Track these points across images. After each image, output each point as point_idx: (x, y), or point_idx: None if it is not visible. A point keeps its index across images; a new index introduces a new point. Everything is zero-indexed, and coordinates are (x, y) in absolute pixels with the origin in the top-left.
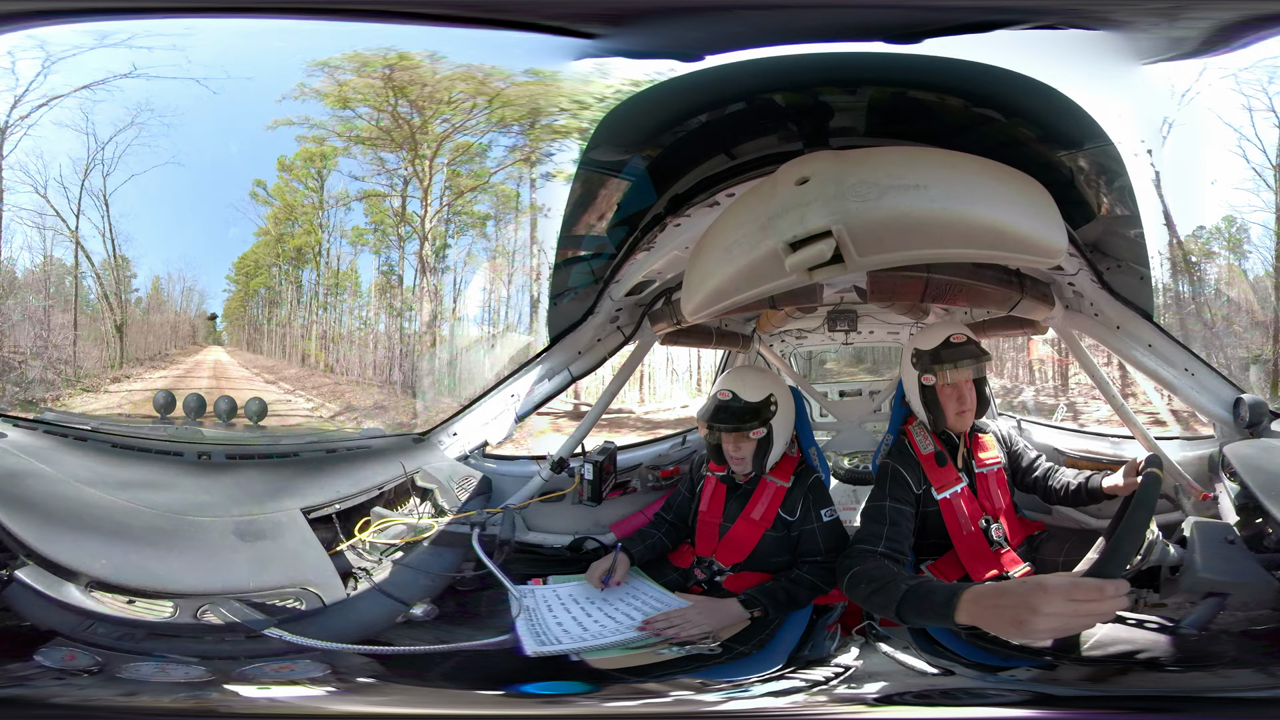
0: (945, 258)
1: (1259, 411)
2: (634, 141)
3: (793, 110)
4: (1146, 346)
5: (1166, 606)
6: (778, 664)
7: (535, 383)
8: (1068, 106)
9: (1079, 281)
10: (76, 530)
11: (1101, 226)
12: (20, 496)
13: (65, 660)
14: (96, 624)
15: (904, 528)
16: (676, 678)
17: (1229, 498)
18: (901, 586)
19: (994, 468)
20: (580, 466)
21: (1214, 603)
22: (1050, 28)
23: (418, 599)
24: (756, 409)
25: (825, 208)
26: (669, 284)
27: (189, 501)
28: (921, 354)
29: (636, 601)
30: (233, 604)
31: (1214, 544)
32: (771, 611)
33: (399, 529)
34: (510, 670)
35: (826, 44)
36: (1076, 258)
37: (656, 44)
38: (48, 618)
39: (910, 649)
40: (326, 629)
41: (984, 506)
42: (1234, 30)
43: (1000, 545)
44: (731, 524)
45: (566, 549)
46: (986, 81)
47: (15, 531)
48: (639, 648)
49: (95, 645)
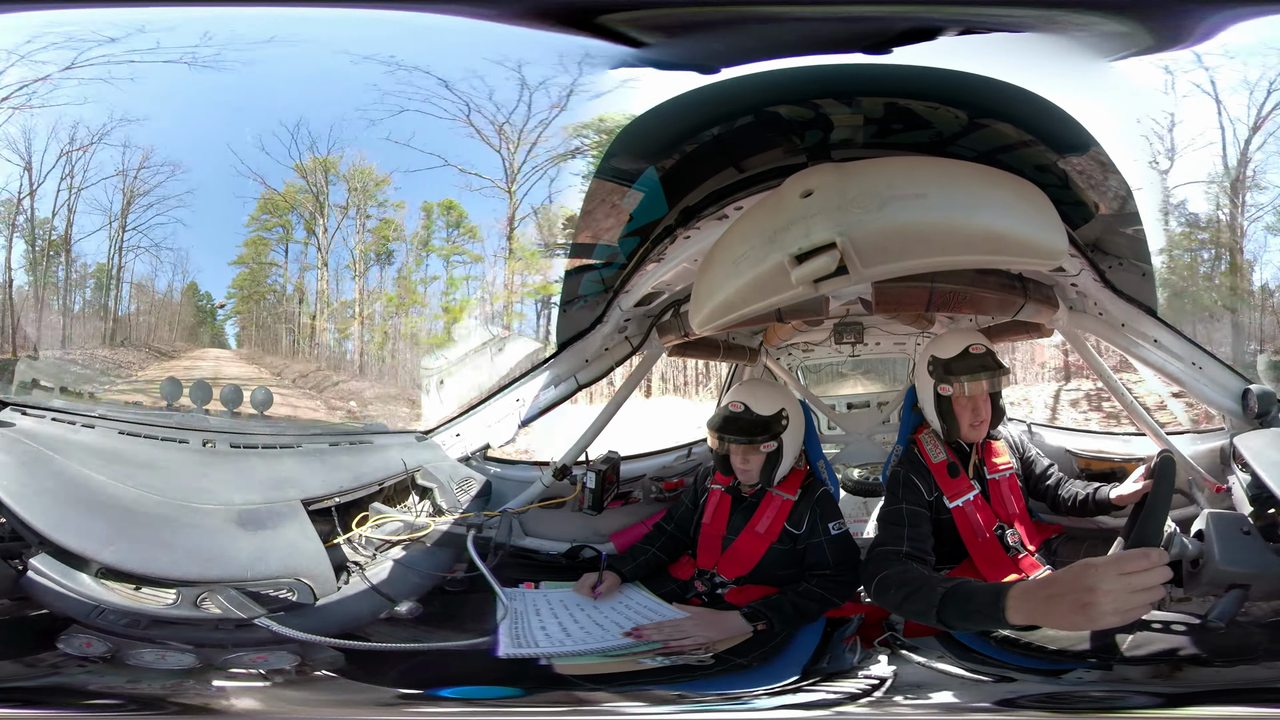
0: (948, 265)
1: (1267, 401)
2: (651, 152)
3: (796, 123)
4: (1153, 342)
5: (1191, 601)
6: (790, 676)
7: (541, 389)
8: (1051, 109)
9: (1081, 282)
10: (86, 517)
11: (1101, 225)
12: (32, 484)
13: (84, 648)
14: (107, 612)
15: (923, 529)
16: (651, 689)
17: (1242, 489)
18: (939, 589)
19: (1006, 473)
20: (583, 475)
21: (1238, 594)
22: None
23: (405, 597)
24: (768, 422)
25: (829, 220)
26: (678, 296)
27: (193, 489)
28: (939, 362)
29: (629, 611)
30: (230, 592)
31: (1231, 535)
32: (777, 625)
33: (396, 526)
34: (476, 672)
35: (825, 56)
36: (1078, 258)
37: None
38: (64, 606)
39: (945, 657)
40: (312, 621)
41: (998, 513)
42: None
43: (1017, 550)
44: (735, 536)
45: (562, 556)
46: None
47: (28, 519)
48: (618, 655)
49: (108, 633)
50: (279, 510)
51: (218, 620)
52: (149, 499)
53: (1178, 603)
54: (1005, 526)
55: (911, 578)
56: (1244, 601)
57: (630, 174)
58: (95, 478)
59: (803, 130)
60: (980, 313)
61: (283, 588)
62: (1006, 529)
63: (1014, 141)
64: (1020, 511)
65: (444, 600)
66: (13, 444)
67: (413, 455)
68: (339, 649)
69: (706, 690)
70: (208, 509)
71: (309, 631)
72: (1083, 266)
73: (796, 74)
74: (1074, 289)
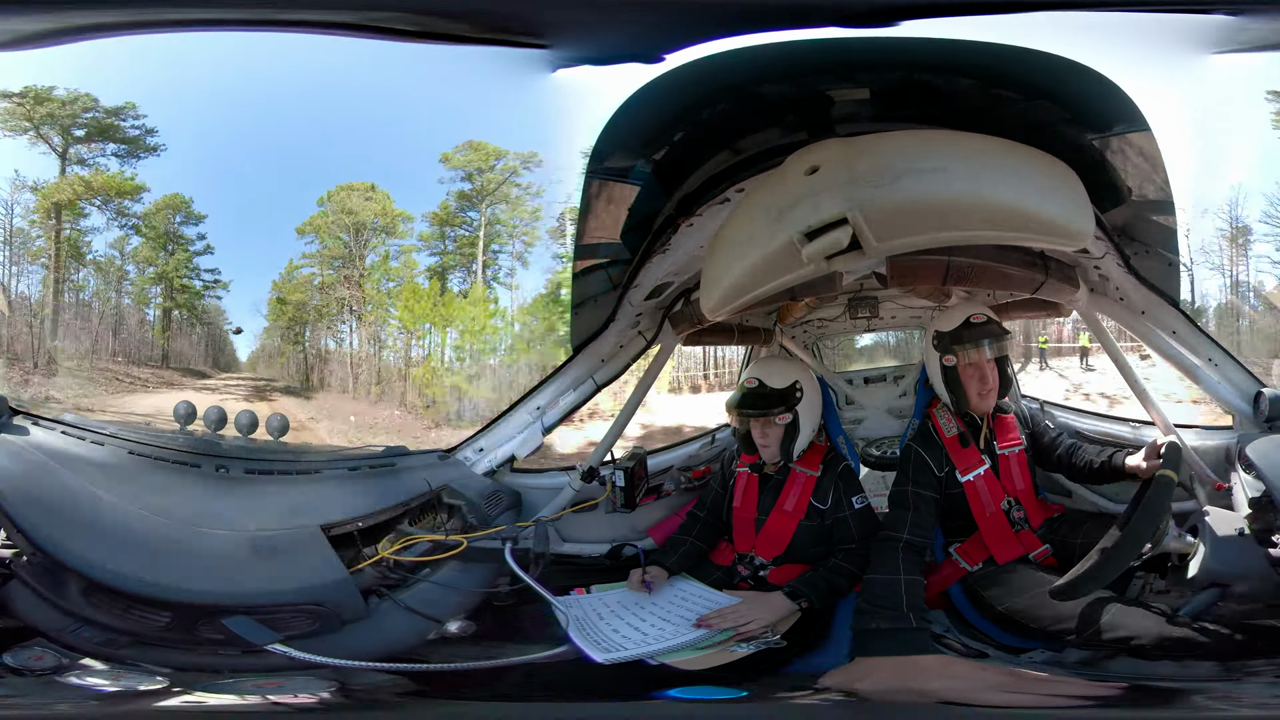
0: (967, 240)
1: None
2: (637, 145)
3: (796, 100)
4: (1171, 333)
5: (1169, 594)
6: (845, 656)
7: (560, 394)
8: (1103, 88)
9: (1105, 265)
10: (85, 532)
11: (1131, 211)
12: (33, 494)
13: (32, 660)
14: (85, 627)
15: (925, 512)
16: (762, 678)
17: (1243, 490)
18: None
19: (1015, 449)
20: (611, 474)
21: (1212, 593)
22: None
23: (450, 615)
24: (783, 395)
25: (838, 195)
26: (687, 285)
27: (203, 513)
28: (942, 335)
29: (686, 602)
30: (239, 617)
31: (1224, 536)
32: (816, 602)
33: (427, 546)
34: (581, 681)
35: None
36: (1103, 241)
37: None
38: (41, 618)
39: (950, 632)
40: (345, 646)
41: (1005, 488)
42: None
43: (1022, 526)
44: (766, 517)
45: (604, 557)
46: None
47: (23, 527)
48: (708, 647)
49: (76, 649)
50: (295, 536)
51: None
52: (155, 520)
53: (1157, 594)
54: (1013, 502)
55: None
56: (1217, 601)
57: (621, 170)
58: (101, 495)
59: (802, 107)
60: (999, 288)
61: (301, 614)
62: (1014, 505)
63: (1049, 119)
64: (1026, 488)
65: (495, 615)
66: (21, 453)
67: (437, 475)
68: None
69: (786, 674)
70: (218, 534)
71: (343, 656)
72: (1108, 250)
73: (802, 48)
74: (1096, 271)
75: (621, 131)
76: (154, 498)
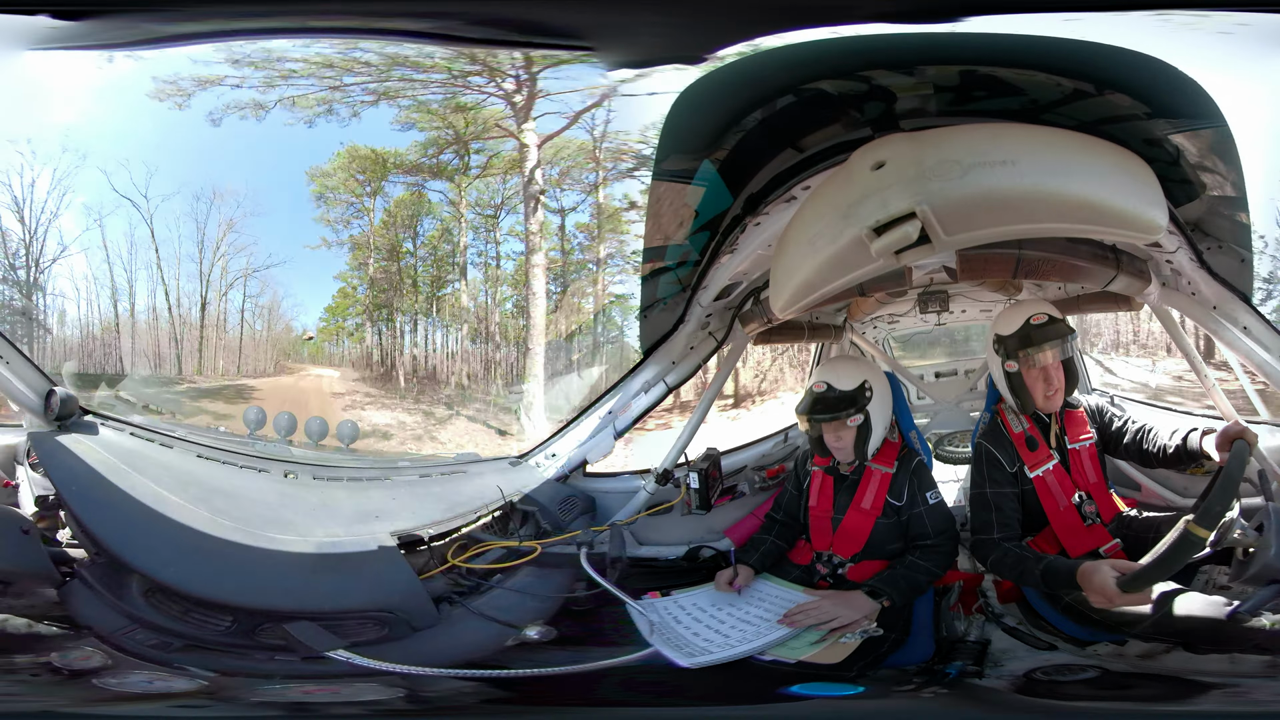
0: (1037, 233)
1: None
2: (699, 146)
3: (860, 96)
4: (1242, 329)
5: (1231, 589)
6: (929, 649)
7: (632, 397)
8: (1178, 83)
9: (1177, 259)
10: (150, 534)
11: (1205, 206)
12: (100, 495)
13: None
14: (146, 630)
15: (1008, 509)
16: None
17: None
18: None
19: (1086, 443)
20: (685, 476)
21: (1274, 589)
22: None
23: (528, 621)
24: (852, 396)
25: (906, 189)
26: (756, 284)
27: (270, 519)
28: (1003, 340)
29: (764, 601)
30: (304, 624)
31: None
32: (897, 600)
33: (499, 552)
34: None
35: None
36: (1176, 235)
37: None
38: (104, 620)
39: (1023, 624)
40: (420, 653)
41: (1076, 482)
42: None
43: (1094, 520)
44: (843, 515)
45: (682, 560)
46: (1090, 58)
47: (89, 527)
48: (816, 642)
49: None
50: (365, 543)
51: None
52: (221, 524)
53: (1220, 589)
54: (1085, 497)
55: (1013, 560)
56: (1276, 598)
57: (686, 171)
58: (168, 497)
59: (865, 103)
60: (1070, 281)
61: (370, 621)
62: (1085, 499)
63: (1124, 113)
64: (1098, 482)
65: (575, 620)
66: (90, 453)
67: (509, 480)
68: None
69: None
70: (285, 539)
71: (415, 664)
72: (1180, 244)
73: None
74: (1169, 265)
75: (683, 130)
76: (221, 501)
